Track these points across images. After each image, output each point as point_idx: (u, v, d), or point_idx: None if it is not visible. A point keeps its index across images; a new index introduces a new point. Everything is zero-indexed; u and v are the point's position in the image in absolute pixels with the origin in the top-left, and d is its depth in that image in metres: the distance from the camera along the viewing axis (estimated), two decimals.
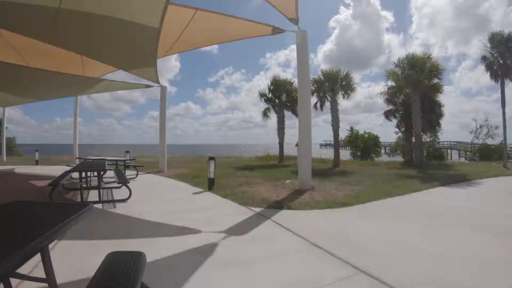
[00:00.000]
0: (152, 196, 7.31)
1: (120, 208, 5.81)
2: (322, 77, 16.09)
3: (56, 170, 10.41)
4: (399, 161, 19.06)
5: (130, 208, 5.75)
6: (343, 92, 16.06)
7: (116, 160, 10.96)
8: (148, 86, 12.42)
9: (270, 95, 17.40)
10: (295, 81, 17.44)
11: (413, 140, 16.37)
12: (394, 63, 16.43)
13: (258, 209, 5.64)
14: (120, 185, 7.04)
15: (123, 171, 10.15)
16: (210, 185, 7.77)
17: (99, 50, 8.14)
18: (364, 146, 21.90)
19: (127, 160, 11.46)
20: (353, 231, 4.47)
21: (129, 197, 6.47)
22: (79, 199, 6.58)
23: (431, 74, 15.50)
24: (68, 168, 7.92)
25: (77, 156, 14.68)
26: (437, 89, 16.42)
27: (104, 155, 15.01)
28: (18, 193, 7.27)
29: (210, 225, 4.61)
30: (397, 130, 19.24)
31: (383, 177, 10.14)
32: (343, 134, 19.55)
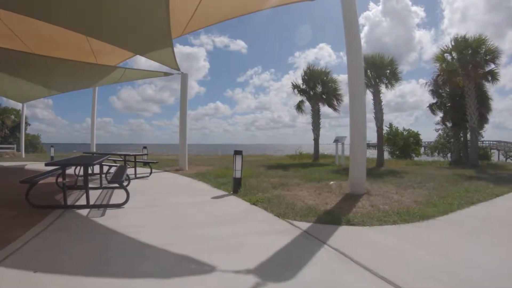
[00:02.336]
0: (158, 201, 5.64)
1: (109, 217, 4.29)
2: (365, 64, 14.06)
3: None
4: (441, 161, 17.15)
5: (122, 218, 4.23)
6: (386, 82, 13.95)
7: (125, 155, 9.11)
8: (167, 74, 11.11)
9: (304, 86, 15.49)
10: (331, 71, 15.79)
11: (462, 137, 13.88)
12: (443, 49, 14.00)
13: (303, 225, 3.87)
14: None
15: (133, 169, 8.90)
16: (236, 186, 6.05)
17: (107, 29, 6.95)
18: (404, 144, 20.06)
19: (138, 155, 9.63)
20: (468, 264, 2.68)
21: (125, 202, 4.97)
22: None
23: (487, 58, 13.01)
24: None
25: (84, 152, 12.98)
26: (494, 76, 13.77)
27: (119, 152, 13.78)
28: None
29: (231, 254, 2.92)
30: (438, 127, 17.27)
31: (442, 178, 8.25)
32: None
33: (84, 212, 4.58)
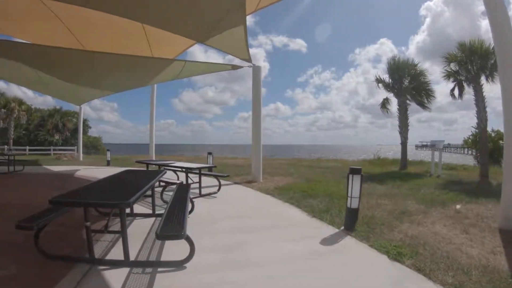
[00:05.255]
0: (239, 250, 3.57)
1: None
2: (461, 53, 11.66)
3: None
4: None
5: None
6: (487, 74, 11.42)
7: (187, 169, 7.21)
8: (235, 67, 9.69)
9: (390, 81, 13.34)
10: (420, 63, 13.47)
11: None
12: None
13: None
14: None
15: (198, 183, 7.12)
16: (350, 221, 4.26)
17: (162, 9, 5.87)
18: (494, 148, 16.76)
19: (204, 167, 7.60)
20: None
21: (189, 258, 3.11)
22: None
23: None
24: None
25: (137, 160, 10.36)
26: None
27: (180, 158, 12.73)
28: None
29: None
30: None
31: None
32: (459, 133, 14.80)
33: (120, 273, 2.94)
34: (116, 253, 3.36)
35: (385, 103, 13.65)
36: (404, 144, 13.03)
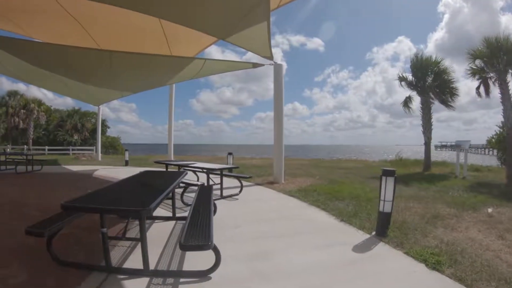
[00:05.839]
0: (266, 260, 3.34)
1: None
2: (486, 49, 11.29)
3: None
4: None
5: None
6: None
7: (208, 170, 7.00)
8: (256, 65, 9.58)
9: (413, 79, 13.02)
10: (443, 61, 13.09)
11: None
12: None
13: None
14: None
15: (219, 185, 7.05)
16: (382, 226, 4.09)
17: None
18: None
19: (225, 168, 7.47)
20: None
21: (214, 268, 2.90)
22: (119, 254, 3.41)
23: None
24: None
25: (156, 161, 10.21)
26: None
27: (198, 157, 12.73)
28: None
29: None
30: None
31: None
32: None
33: (139, 284, 2.77)
34: (135, 261, 3.18)
35: (407, 102, 13.33)
36: (427, 144, 12.69)
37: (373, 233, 4.14)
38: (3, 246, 3.60)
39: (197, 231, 2.91)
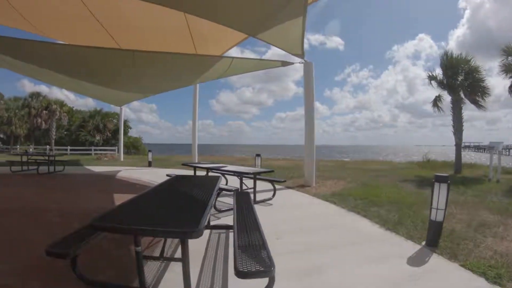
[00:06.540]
0: (317, 281, 3.02)
1: None
2: None
3: (160, 177, 8.16)
4: None
5: None
6: None
7: (240, 173, 6.81)
8: (285, 64, 9.48)
9: (443, 77, 12.71)
10: (473, 59, 12.72)
11: None
12: None
13: None
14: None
15: (252, 189, 6.74)
16: (434, 236, 3.97)
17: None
18: None
19: (259, 171, 7.21)
20: None
21: None
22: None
23: None
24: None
25: (183, 163, 9.31)
26: None
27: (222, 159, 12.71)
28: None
29: None
30: None
31: None
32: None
33: None
34: (172, 280, 2.83)
35: (437, 101, 12.99)
36: (458, 145, 12.34)
37: (423, 243, 4.06)
38: (20, 261, 3.31)
39: (250, 252, 2.47)
